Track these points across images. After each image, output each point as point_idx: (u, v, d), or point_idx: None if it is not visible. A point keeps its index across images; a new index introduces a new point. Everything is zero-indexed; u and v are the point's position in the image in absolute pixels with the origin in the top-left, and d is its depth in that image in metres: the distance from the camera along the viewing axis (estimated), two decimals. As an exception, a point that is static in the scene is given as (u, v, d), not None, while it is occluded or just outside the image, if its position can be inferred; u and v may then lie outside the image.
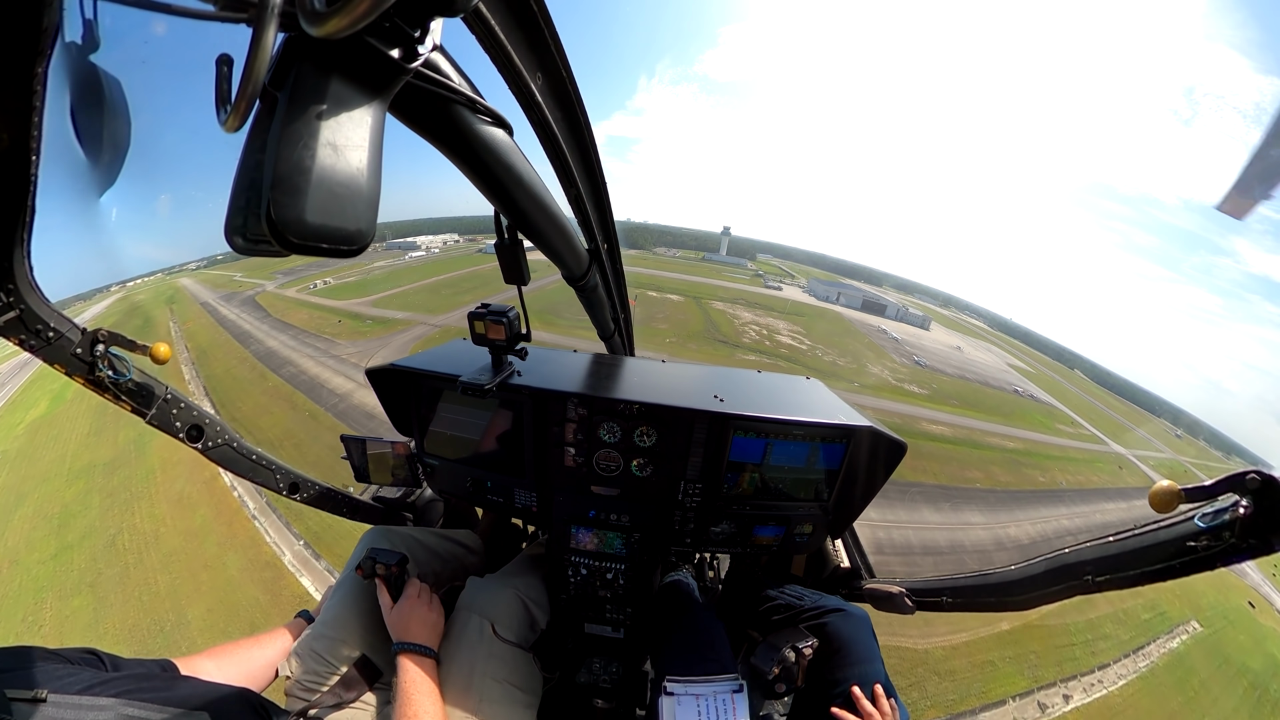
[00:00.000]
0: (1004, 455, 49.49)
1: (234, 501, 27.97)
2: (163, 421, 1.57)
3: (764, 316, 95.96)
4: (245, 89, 0.43)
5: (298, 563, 23.39)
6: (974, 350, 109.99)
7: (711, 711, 1.56)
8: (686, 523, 2.24)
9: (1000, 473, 45.15)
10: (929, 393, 63.19)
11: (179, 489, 29.96)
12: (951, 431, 51.03)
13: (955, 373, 78.39)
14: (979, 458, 46.72)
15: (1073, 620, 27.76)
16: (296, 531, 25.01)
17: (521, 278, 1.60)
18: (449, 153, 0.92)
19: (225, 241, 0.54)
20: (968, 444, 48.91)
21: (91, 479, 32.29)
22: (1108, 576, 1.29)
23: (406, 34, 0.54)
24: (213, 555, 24.67)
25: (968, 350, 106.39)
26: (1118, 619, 29.76)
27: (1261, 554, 0.97)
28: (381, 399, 2.37)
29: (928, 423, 51.95)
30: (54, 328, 1.24)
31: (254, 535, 25.55)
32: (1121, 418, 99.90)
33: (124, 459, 33.92)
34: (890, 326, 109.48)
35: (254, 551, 24.59)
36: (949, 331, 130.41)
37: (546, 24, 0.95)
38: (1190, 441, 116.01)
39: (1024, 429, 61.19)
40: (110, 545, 26.19)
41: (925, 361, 79.38)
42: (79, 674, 1.06)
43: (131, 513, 28.54)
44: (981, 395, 69.74)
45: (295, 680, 1.60)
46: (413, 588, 1.77)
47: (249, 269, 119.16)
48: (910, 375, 69.93)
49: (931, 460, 42.29)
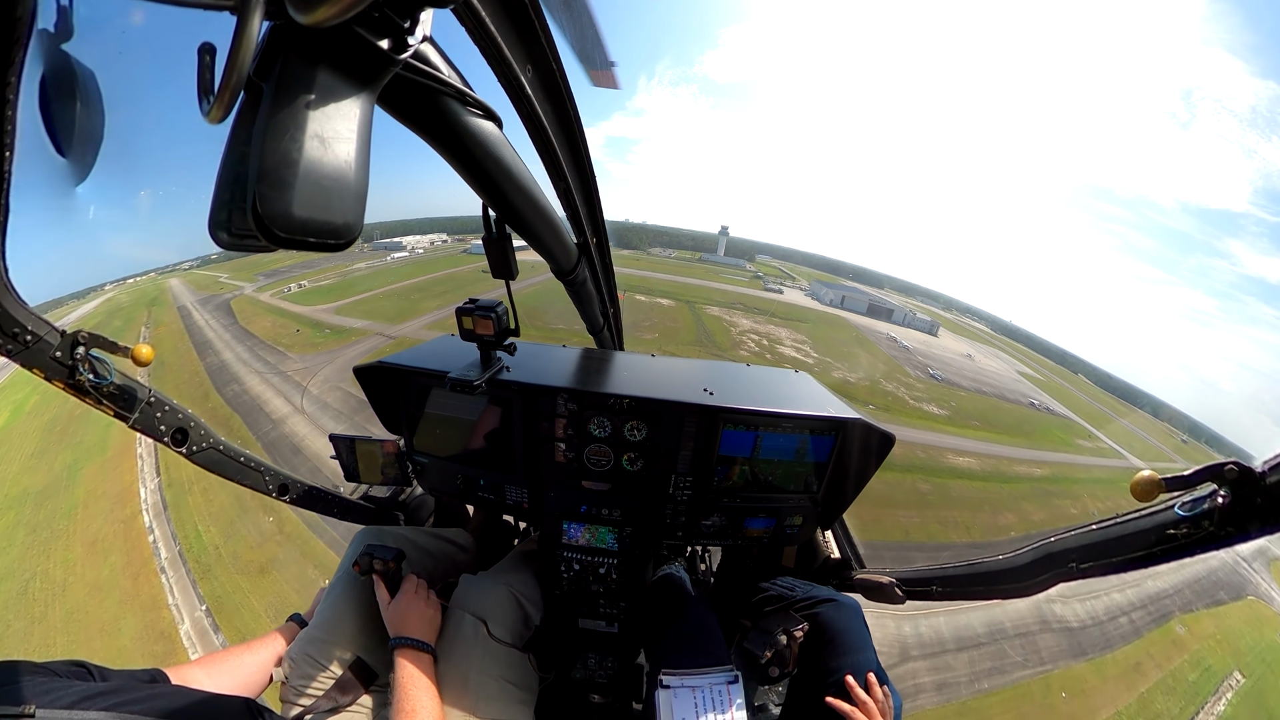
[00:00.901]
0: (1034, 487, 46.05)
1: (147, 549, 25.59)
2: (147, 425, 1.54)
3: (764, 324, 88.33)
4: (229, 79, 0.42)
5: (194, 634, 21.02)
6: (984, 358, 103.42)
7: (708, 702, 1.57)
8: (678, 516, 2.25)
9: (1033, 510, 41.23)
10: (949, 413, 58.75)
11: (96, 529, 27.16)
12: (979, 464, 46.74)
13: (971, 386, 73.88)
14: (1009, 494, 42.82)
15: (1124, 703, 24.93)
16: (201, 593, 22.81)
17: (510, 272, 1.59)
18: (437, 145, 0.91)
19: (210, 238, 0.53)
20: (996, 478, 45.65)
21: (22, 510, 29.14)
22: (1091, 563, 1.32)
23: (396, 24, 0.53)
24: (111, 617, 22.27)
25: (978, 358, 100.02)
26: (1167, 688, 26.89)
27: (1239, 542, 1.00)
28: (370, 397, 2.34)
29: (953, 454, 47.46)
30: (32, 331, 1.20)
31: (157, 595, 23.05)
32: (1133, 425, 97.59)
33: (55, 488, 30.92)
34: (899, 333, 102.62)
35: (153, 615, 22.16)
36: (956, 337, 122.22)
37: (537, 16, 0.94)
38: (1196, 447, 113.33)
39: (1047, 450, 56.85)
40: (23, 593, 23.71)
41: (941, 374, 73.73)
42: (68, 687, 1.04)
43: (48, 556, 25.91)
44: (1000, 412, 65.30)
45: (290, 685, 1.58)
46: (410, 583, 1.76)
47: (236, 269, 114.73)
48: (927, 392, 64.54)
49: (962, 508, 38.26)
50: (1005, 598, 1.66)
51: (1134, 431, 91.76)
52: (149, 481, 31.34)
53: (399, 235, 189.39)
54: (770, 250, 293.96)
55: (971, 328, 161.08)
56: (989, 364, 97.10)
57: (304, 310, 72.54)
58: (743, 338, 75.59)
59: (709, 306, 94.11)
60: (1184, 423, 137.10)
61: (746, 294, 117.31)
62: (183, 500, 28.93)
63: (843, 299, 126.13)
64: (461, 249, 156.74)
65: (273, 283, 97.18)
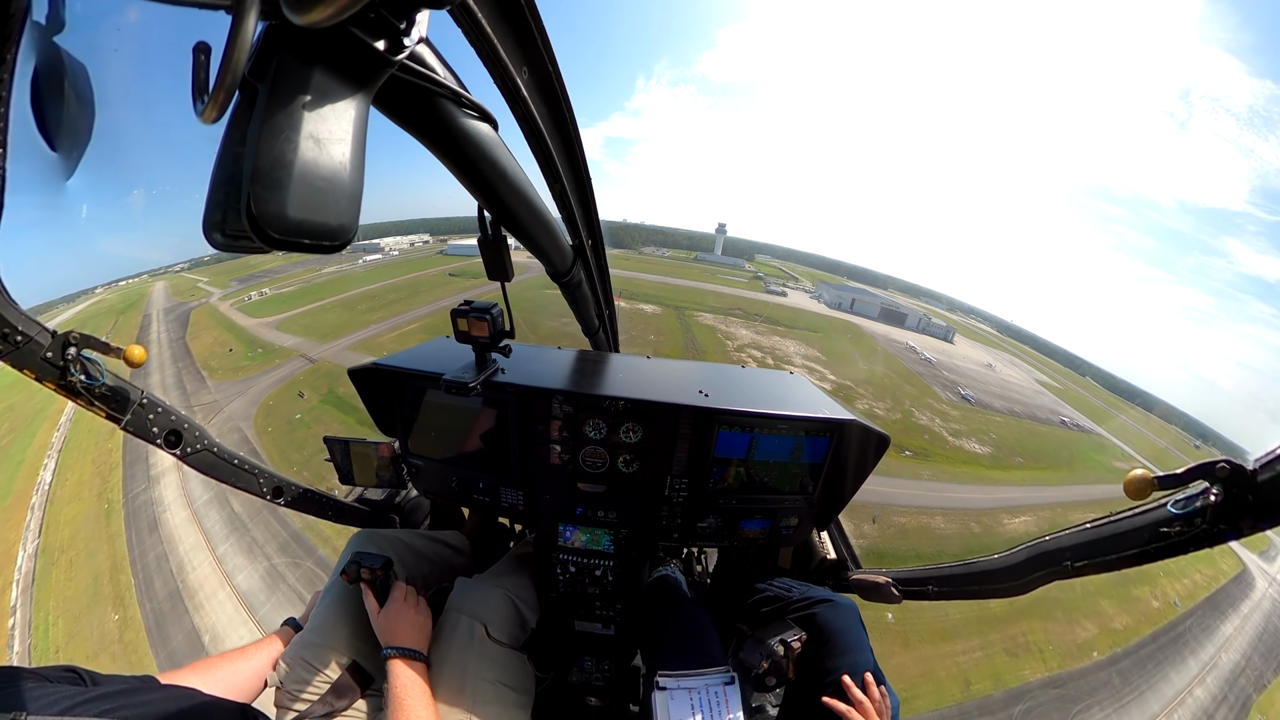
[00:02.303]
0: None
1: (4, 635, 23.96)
2: (139, 427, 1.53)
3: (767, 335, 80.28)
4: (224, 79, 0.41)
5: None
6: (1003, 366, 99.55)
7: (705, 703, 1.57)
8: (674, 518, 2.25)
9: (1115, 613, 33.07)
10: (990, 450, 53.24)
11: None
12: (1035, 523, 40.77)
13: (1003, 407, 69.10)
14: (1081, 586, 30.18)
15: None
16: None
17: (505, 274, 1.59)
18: (432, 147, 0.91)
19: (204, 239, 0.52)
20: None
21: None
22: (1086, 562, 1.33)
23: (392, 25, 0.53)
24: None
25: (998, 368, 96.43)
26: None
27: (1231, 539, 1.01)
28: (364, 399, 2.33)
29: (1007, 516, 41.15)
30: (22, 331, 1.19)
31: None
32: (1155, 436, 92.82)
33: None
34: (916, 341, 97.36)
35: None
36: (972, 343, 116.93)
37: (534, 18, 0.94)
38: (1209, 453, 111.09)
39: (1092, 480, 51.96)
40: None
41: (972, 395, 68.58)
42: (59, 692, 1.03)
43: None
44: (1037, 438, 62.04)
45: (285, 689, 1.57)
46: (398, 590, 1.75)
47: (217, 274, 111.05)
48: (963, 421, 58.96)
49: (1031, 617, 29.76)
50: (1001, 596, 1.67)
51: (1156, 442, 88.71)
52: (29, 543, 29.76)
53: (385, 236, 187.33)
54: (769, 250, 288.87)
55: (980, 331, 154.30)
56: (1010, 374, 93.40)
57: (251, 324, 70.17)
58: (742, 354, 67.43)
59: (701, 314, 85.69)
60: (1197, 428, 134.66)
61: (746, 297, 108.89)
62: (48, 576, 27.37)
63: (852, 302, 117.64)
64: (436, 250, 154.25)
65: (242, 289, 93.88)
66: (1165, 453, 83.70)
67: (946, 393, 67.56)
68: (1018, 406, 72.15)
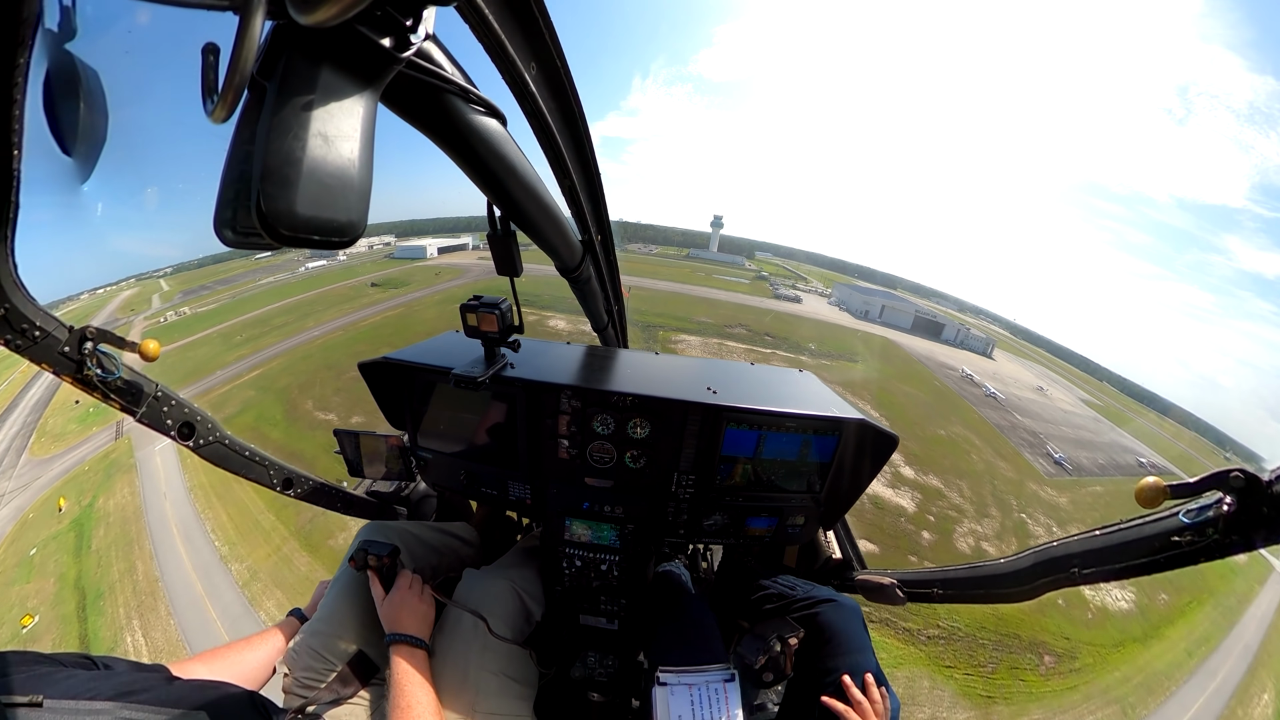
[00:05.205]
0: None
1: None
2: (153, 419, 1.55)
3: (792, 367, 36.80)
4: (232, 79, 0.42)
5: None
6: (1051, 386, 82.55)
7: (704, 700, 1.58)
8: (680, 514, 2.25)
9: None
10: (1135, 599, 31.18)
11: None
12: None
13: (1091, 463, 51.27)
14: None
15: None
16: None
17: (515, 269, 1.59)
18: (441, 143, 0.91)
19: (215, 236, 0.53)
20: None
21: None
22: (1093, 569, 1.31)
23: (399, 22, 0.53)
24: None
25: (1048, 390, 79.75)
26: None
27: (1244, 550, 0.99)
28: (374, 392, 2.35)
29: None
30: (40, 326, 1.22)
31: None
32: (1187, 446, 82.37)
33: None
34: (961, 359, 78.63)
35: None
36: (1008, 356, 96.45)
37: (541, 12, 0.94)
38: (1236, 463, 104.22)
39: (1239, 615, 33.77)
40: None
41: (1064, 458, 49.07)
42: (74, 677, 1.06)
43: None
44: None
45: (292, 678, 1.60)
46: (404, 579, 1.77)
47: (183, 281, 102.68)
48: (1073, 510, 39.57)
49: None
50: (1007, 601, 1.65)
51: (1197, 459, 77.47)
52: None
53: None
54: (769, 249, 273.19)
55: (1000, 335, 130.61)
56: (1060, 398, 77.53)
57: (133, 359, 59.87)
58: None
59: (683, 337, 58.58)
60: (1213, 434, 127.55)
61: (751, 305, 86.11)
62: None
63: (881, 310, 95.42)
64: (384, 254, 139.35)
65: (184, 301, 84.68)
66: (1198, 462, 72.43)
67: (1038, 458, 47.18)
68: (1100, 455, 54.94)
